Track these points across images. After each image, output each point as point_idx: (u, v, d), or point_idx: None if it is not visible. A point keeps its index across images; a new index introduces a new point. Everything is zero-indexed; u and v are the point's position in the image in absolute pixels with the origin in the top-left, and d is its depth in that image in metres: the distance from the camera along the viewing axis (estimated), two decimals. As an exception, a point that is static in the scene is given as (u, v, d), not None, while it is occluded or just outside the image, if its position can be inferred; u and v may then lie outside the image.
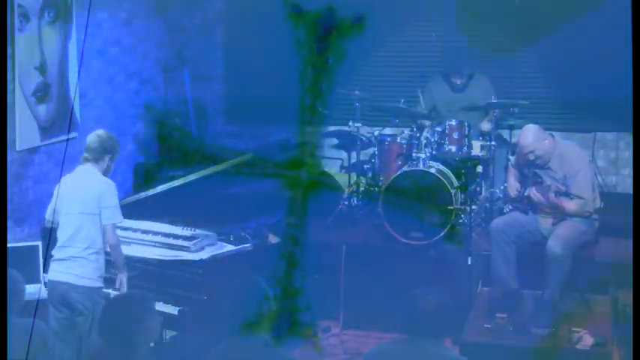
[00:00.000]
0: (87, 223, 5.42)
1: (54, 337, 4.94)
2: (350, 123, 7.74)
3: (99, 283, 5.49)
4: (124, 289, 5.55)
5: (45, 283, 5.63)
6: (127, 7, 7.98)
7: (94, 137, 5.58)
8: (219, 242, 5.96)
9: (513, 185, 6.63)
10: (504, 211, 6.82)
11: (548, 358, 5.59)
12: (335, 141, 8.29)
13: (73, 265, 5.38)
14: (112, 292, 5.67)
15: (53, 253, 5.47)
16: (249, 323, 4.00)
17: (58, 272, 5.41)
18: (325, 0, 7.49)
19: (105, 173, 5.56)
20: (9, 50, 6.17)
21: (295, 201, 7.17)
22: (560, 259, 6.16)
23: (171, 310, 5.58)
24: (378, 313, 6.77)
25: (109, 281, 5.69)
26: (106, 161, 5.55)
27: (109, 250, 5.56)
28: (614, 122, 8.15)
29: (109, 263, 5.59)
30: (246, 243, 5.99)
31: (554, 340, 5.60)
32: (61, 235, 5.47)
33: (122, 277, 5.58)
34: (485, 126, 7.63)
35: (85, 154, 5.55)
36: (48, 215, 5.66)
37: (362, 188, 7.65)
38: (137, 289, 5.79)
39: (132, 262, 5.85)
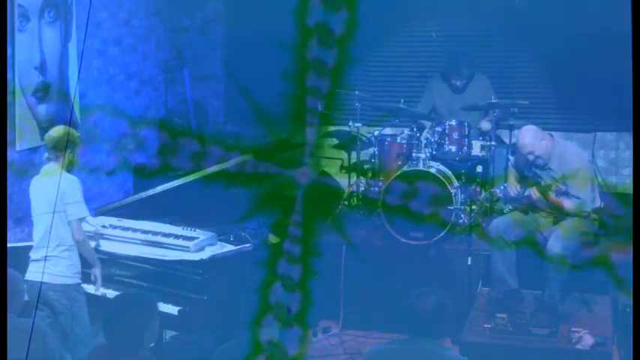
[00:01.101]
0: (55, 221, 5.42)
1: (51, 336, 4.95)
2: (350, 123, 7.75)
3: (75, 280, 5.51)
4: (99, 284, 5.59)
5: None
6: (127, 7, 7.98)
7: (50, 135, 5.55)
8: (219, 242, 5.95)
9: (513, 185, 6.63)
10: (504, 211, 6.82)
11: (548, 358, 5.60)
12: (335, 141, 8.29)
13: (48, 265, 5.40)
14: (89, 288, 5.69)
15: (30, 254, 5.51)
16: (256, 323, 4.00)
17: (34, 273, 5.43)
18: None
19: (69, 169, 5.55)
20: (9, 50, 6.17)
21: (295, 201, 7.16)
22: (560, 259, 6.16)
23: (171, 310, 5.57)
24: (378, 313, 6.78)
25: (110, 281, 5.69)
26: (66, 157, 5.51)
27: (113, 250, 5.65)
28: (614, 122, 8.16)
29: (112, 264, 5.60)
30: (246, 243, 5.99)
31: (554, 340, 5.60)
32: (35, 236, 5.53)
33: (96, 272, 5.60)
34: (485, 126, 7.64)
35: (46, 154, 5.56)
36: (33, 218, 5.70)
37: (362, 188, 7.66)
38: (137, 288, 5.79)
39: (131, 262, 5.85)
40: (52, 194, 5.37)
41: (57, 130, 5.58)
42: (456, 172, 7.28)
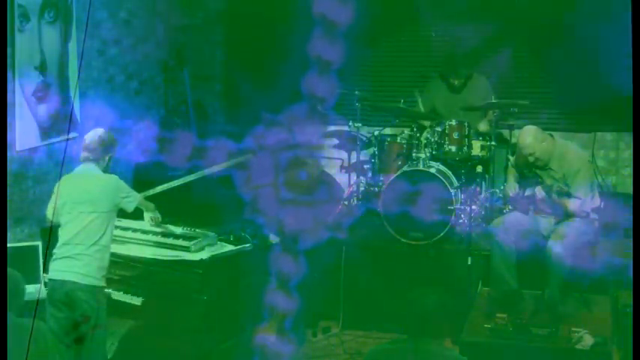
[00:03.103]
0: (94, 220, 5.42)
1: (53, 337, 4.94)
2: (350, 123, 7.74)
3: (102, 283, 5.50)
4: (159, 216, 6.01)
5: (45, 283, 5.61)
6: (127, 7, 7.97)
7: (94, 137, 5.60)
8: (219, 242, 5.96)
9: (513, 186, 6.63)
10: (504, 211, 6.82)
11: (548, 358, 5.60)
12: (335, 141, 8.29)
13: (78, 264, 5.37)
14: (114, 293, 5.69)
15: (55, 251, 5.46)
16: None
17: (60, 271, 5.39)
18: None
19: (104, 172, 5.60)
20: (9, 50, 6.17)
21: (295, 201, 7.17)
22: (560, 259, 6.16)
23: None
24: (378, 313, 6.78)
25: (111, 281, 5.70)
26: (106, 160, 5.61)
27: (113, 250, 5.65)
28: (614, 122, 8.15)
29: (112, 264, 5.61)
30: (246, 243, 5.99)
31: (554, 340, 5.60)
32: (64, 234, 5.46)
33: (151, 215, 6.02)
34: (483, 127, 7.64)
35: (86, 154, 5.56)
36: (49, 214, 5.66)
37: (362, 188, 7.66)
38: (136, 288, 5.80)
39: (132, 262, 5.85)
40: (94, 194, 5.45)
41: (100, 133, 5.65)
42: (456, 172, 7.28)
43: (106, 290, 5.60)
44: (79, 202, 5.41)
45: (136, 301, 5.78)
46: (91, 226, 5.41)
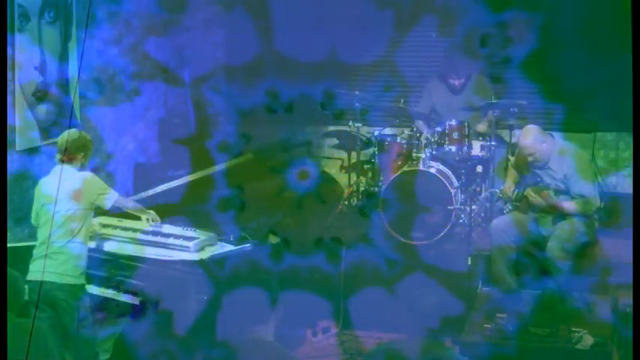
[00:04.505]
0: (70, 217, 5.46)
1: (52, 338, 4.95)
2: (350, 123, 7.75)
3: (81, 281, 5.53)
4: (158, 218, 5.95)
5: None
6: (127, 7, 7.97)
7: (65, 138, 5.63)
8: (219, 242, 5.96)
9: (509, 187, 6.62)
10: (504, 211, 6.83)
11: (548, 358, 5.60)
12: (335, 141, 8.29)
13: (54, 264, 5.40)
14: (113, 293, 5.69)
15: (33, 252, 5.51)
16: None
17: (38, 272, 5.40)
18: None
19: (80, 171, 5.62)
20: (9, 50, 6.17)
21: (295, 201, 7.18)
22: (559, 259, 6.16)
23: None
24: (378, 313, 6.77)
25: (111, 281, 5.70)
26: (79, 159, 5.60)
27: (113, 250, 5.69)
28: (614, 122, 8.15)
29: (112, 264, 5.62)
30: (246, 243, 5.99)
31: (554, 340, 5.60)
32: (42, 234, 5.52)
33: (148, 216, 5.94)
34: (482, 127, 7.63)
35: (59, 155, 5.59)
36: (33, 220, 5.70)
37: (362, 188, 7.66)
38: (136, 288, 5.80)
39: (132, 262, 5.85)
40: (70, 192, 5.44)
41: (71, 134, 5.66)
42: (456, 172, 7.28)
43: (107, 291, 5.61)
44: (57, 202, 5.43)
45: (136, 301, 5.78)
46: (66, 223, 5.45)
